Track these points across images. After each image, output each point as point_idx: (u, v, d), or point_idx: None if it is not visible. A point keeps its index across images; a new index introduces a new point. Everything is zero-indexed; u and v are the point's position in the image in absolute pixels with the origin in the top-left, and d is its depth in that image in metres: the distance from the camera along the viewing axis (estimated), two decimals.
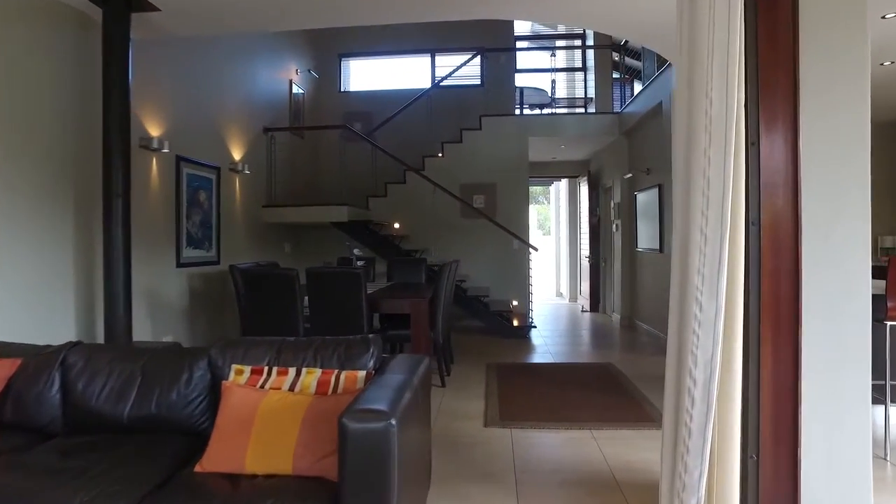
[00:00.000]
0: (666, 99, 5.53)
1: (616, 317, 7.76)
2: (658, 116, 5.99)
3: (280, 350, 2.26)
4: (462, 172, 7.59)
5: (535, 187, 17.97)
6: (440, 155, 7.63)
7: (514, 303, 7.34)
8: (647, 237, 6.62)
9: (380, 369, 2.18)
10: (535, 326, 6.80)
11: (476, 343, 6.30)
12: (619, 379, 4.56)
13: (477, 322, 6.90)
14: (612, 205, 7.94)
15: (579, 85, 9.47)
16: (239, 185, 6.14)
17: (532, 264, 7.16)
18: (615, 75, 8.70)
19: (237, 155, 6.09)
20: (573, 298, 10.71)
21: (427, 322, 4.19)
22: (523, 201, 7.62)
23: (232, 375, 2.17)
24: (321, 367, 2.19)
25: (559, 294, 12.02)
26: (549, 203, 16.66)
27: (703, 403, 1.79)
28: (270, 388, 2.09)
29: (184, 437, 2.16)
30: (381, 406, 1.67)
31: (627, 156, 7.41)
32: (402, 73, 9.18)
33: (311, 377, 2.12)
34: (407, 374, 2.04)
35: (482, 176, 7.61)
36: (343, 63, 9.11)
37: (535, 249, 6.95)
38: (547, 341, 6.37)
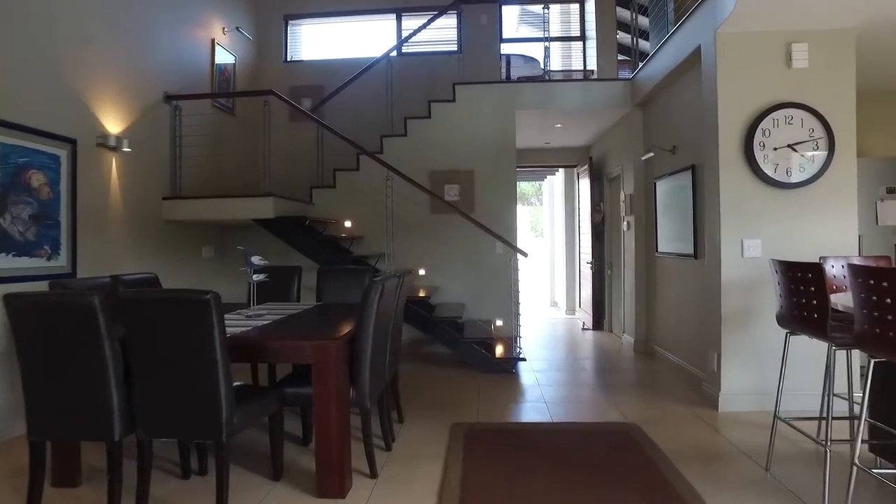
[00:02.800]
0: (707, 42, 3.91)
1: (628, 339, 6.12)
2: (693, 70, 4.36)
3: None
4: (431, 157, 5.96)
5: (524, 184, 16.34)
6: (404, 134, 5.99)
7: (498, 322, 5.70)
8: (672, 238, 4.99)
9: None
10: (524, 359, 5.14)
11: (443, 381, 4.64)
12: (651, 457, 2.92)
13: (447, 350, 5.26)
14: (623, 197, 6.30)
15: (577, 56, 7.86)
16: (117, 168, 4.46)
17: (521, 274, 5.52)
18: (620, 58, 7.17)
19: (115, 126, 4.42)
20: (570, 310, 9.08)
21: (342, 376, 2.53)
22: (510, 193, 5.97)
23: None
24: None
25: (553, 304, 10.38)
26: (541, 204, 15.07)
27: None
28: None
29: None
30: None
31: (643, 133, 5.79)
32: (363, 39, 7.52)
33: None
34: None
35: (456, 161, 5.97)
36: (290, 27, 7.45)
37: (525, 255, 5.31)
38: (540, 379, 4.72)
